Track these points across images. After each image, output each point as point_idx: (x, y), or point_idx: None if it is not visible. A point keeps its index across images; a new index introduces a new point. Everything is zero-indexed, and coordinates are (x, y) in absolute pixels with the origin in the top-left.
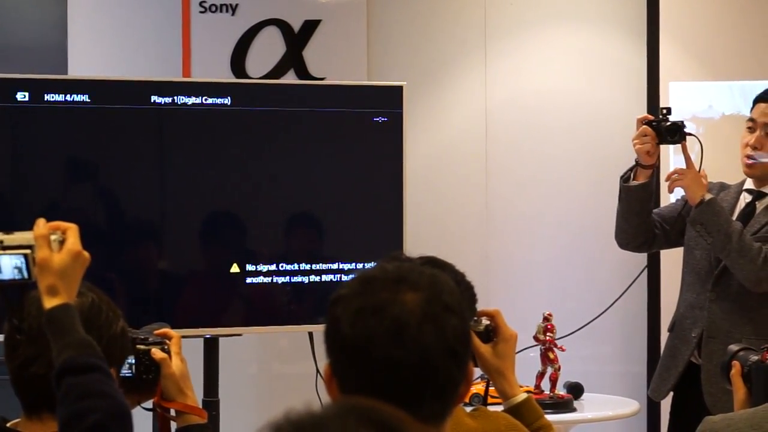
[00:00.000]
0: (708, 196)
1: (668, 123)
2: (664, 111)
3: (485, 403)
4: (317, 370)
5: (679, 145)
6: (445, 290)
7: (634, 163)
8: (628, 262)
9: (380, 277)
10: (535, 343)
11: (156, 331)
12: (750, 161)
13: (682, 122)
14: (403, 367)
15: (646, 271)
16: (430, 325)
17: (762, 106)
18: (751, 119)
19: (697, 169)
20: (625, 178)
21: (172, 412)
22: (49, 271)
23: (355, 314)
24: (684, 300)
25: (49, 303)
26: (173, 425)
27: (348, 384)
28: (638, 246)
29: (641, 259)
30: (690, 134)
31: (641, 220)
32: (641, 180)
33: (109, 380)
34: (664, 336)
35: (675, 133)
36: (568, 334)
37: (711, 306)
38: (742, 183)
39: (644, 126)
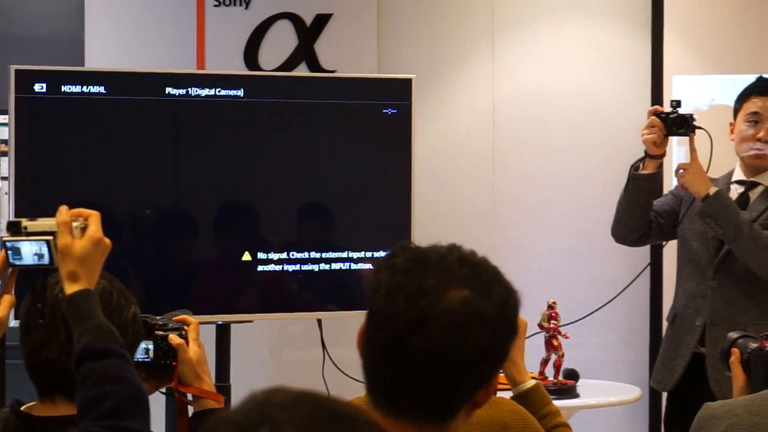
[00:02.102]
0: (713, 189)
1: (675, 115)
2: (674, 103)
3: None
4: (324, 357)
5: (686, 138)
6: (490, 299)
7: (644, 153)
8: (631, 254)
9: (435, 262)
10: (540, 331)
11: (175, 318)
12: (762, 152)
13: (691, 115)
14: (410, 355)
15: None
16: (451, 330)
17: (761, 99)
18: (755, 113)
19: (707, 162)
20: (635, 167)
21: (189, 397)
22: (70, 258)
23: (392, 289)
24: (684, 291)
25: (70, 289)
26: (190, 409)
27: (366, 349)
28: (635, 240)
29: (644, 252)
30: (699, 128)
31: (643, 213)
32: (650, 170)
33: (127, 365)
34: (666, 325)
35: (681, 125)
36: (572, 322)
37: (713, 294)
38: (730, 174)
39: (653, 117)
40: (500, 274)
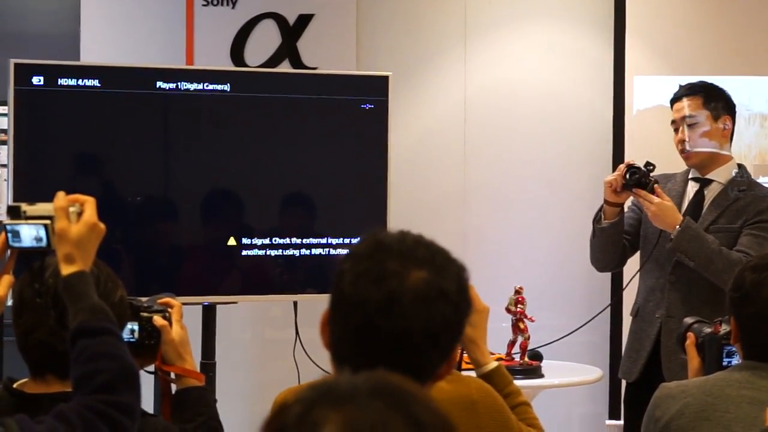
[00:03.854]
0: (680, 223)
1: (633, 170)
2: (650, 168)
3: (459, 369)
4: (296, 339)
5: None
6: (449, 277)
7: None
8: None
9: (394, 247)
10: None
11: (159, 300)
12: (685, 154)
13: (655, 181)
14: (382, 335)
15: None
16: (420, 307)
17: (675, 105)
18: (672, 121)
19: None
20: (597, 219)
21: (172, 375)
22: (66, 241)
23: (358, 276)
24: (645, 286)
25: (66, 270)
26: (174, 388)
27: (336, 334)
28: (615, 266)
29: None
30: (653, 192)
31: (616, 248)
32: (611, 219)
33: (120, 343)
34: (626, 310)
35: (631, 180)
36: (548, 343)
37: (671, 288)
38: (687, 171)
39: (622, 165)
40: (450, 253)
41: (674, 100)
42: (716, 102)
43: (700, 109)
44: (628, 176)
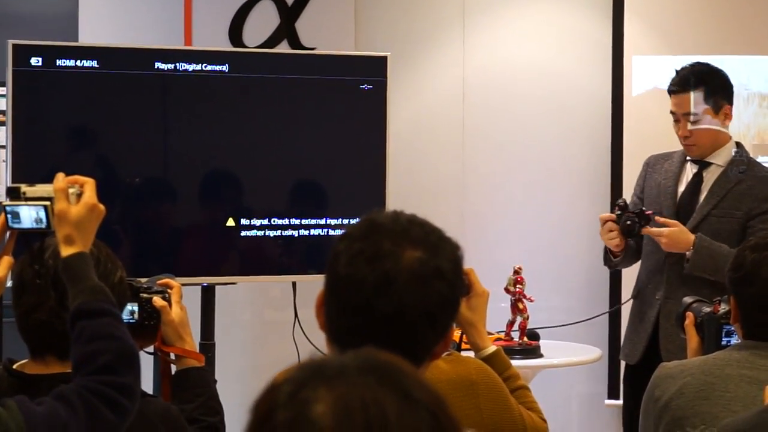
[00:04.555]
0: (691, 248)
1: (627, 222)
2: (621, 203)
3: (459, 351)
4: (295, 320)
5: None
6: (444, 255)
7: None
8: (593, 222)
9: (388, 227)
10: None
11: (158, 281)
12: (687, 146)
13: (640, 219)
14: (379, 315)
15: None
16: (415, 286)
17: (674, 98)
18: (672, 112)
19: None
20: (606, 261)
21: (172, 356)
22: (66, 222)
23: (353, 256)
24: (645, 268)
25: (66, 252)
26: (173, 368)
27: (332, 315)
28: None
29: None
30: (648, 222)
31: (630, 258)
32: (619, 256)
33: (120, 324)
34: (625, 292)
35: (631, 233)
36: (548, 327)
37: (670, 269)
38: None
39: (608, 223)
40: (444, 232)
41: (673, 92)
42: (716, 94)
43: (702, 104)
44: (626, 231)
